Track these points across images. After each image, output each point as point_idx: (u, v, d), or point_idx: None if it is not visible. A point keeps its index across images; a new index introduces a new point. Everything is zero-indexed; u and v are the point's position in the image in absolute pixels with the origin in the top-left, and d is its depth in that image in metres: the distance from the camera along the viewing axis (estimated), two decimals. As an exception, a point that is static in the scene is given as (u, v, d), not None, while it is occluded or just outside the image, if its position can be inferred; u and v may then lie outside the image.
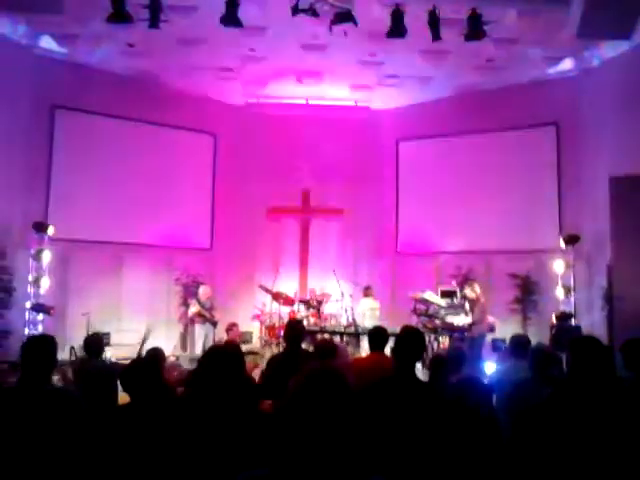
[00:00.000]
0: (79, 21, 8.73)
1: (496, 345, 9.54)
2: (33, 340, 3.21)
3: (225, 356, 2.78)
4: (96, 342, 5.14)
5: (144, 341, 5.38)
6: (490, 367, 8.29)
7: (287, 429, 1.70)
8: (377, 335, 4.74)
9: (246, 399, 2.78)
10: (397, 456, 2.66)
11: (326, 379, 1.83)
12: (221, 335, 9.39)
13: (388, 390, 3.04)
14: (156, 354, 4.91)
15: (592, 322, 9.57)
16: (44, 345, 3.07)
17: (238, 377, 2.72)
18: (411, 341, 3.24)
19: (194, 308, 9.83)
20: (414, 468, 2.68)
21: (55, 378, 5.31)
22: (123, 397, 5.07)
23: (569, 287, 10.01)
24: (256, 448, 2.41)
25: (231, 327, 8.81)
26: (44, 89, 9.94)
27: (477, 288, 8.90)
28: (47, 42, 9.73)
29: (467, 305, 9.04)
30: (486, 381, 5.13)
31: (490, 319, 9.23)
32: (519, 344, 4.85)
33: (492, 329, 9.33)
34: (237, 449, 2.46)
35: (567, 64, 10.22)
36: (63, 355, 5.26)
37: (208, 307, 9.88)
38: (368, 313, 10.28)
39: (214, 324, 9.80)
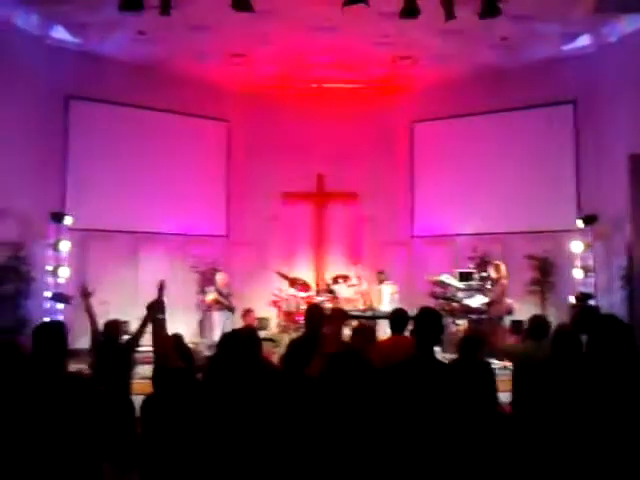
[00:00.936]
0: (90, 9, 8.74)
1: (515, 327, 9.48)
2: (43, 326, 3.15)
3: (240, 340, 2.77)
4: (114, 327, 5.18)
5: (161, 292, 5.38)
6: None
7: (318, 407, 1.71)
8: (397, 317, 4.74)
9: (263, 382, 2.77)
10: (415, 436, 2.65)
11: (350, 360, 1.83)
12: (239, 321, 9.43)
13: (408, 371, 3.03)
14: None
15: (611, 302, 9.47)
16: (54, 331, 3.02)
17: (254, 361, 2.71)
18: (428, 322, 3.23)
19: (211, 295, 9.88)
20: (431, 448, 2.67)
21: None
22: (139, 384, 5.16)
23: (588, 268, 9.92)
24: (273, 429, 2.40)
25: (247, 313, 8.85)
26: (58, 79, 9.97)
27: (503, 269, 8.81)
28: (59, 32, 9.74)
29: (489, 286, 8.99)
30: (506, 362, 5.12)
31: (508, 301, 9.18)
32: (538, 325, 4.83)
33: (510, 311, 9.27)
34: (254, 433, 2.45)
35: (584, 40, 10.03)
36: (84, 343, 5.31)
37: (225, 294, 9.94)
38: (389, 298, 10.22)
39: (232, 310, 9.85)
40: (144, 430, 3.07)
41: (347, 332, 8.16)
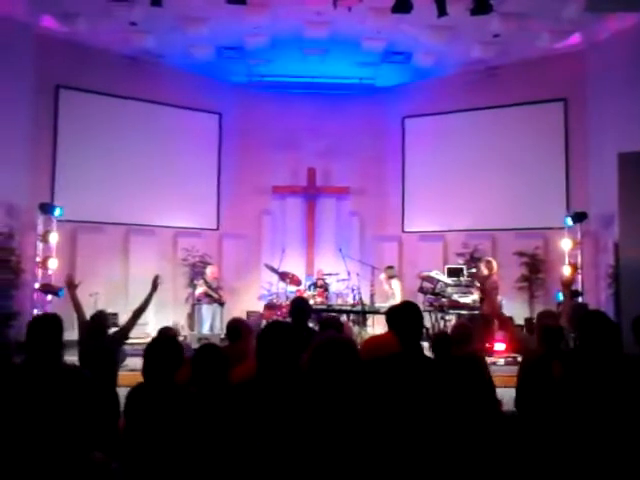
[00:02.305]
0: (81, -1, 8.66)
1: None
2: (39, 319, 3.18)
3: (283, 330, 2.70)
4: (101, 318, 5.12)
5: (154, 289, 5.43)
6: (499, 345, 8.32)
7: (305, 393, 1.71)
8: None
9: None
10: (402, 433, 2.66)
11: (337, 347, 1.84)
12: (227, 315, 9.43)
13: (393, 366, 3.03)
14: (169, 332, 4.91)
15: (599, 300, 9.56)
16: (50, 323, 3.05)
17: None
18: (410, 315, 3.19)
19: (201, 288, 9.87)
20: (419, 444, 2.68)
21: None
22: (124, 375, 5.16)
23: (576, 265, 9.99)
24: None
25: (269, 307, 9.08)
26: (47, 69, 9.90)
27: (494, 265, 8.83)
28: (48, 21, 9.63)
29: (476, 282, 9.00)
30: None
31: (497, 298, 9.21)
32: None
33: (499, 307, 9.31)
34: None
35: (575, 38, 10.06)
36: (73, 335, 5.28)
37: (215, 287, 9.94)
38: (398, 293, 10.12)
39: (221, 304, 9.85)
40: (128, 422, 3.08)
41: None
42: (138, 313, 5.17)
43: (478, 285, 8.91)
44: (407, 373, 2.93)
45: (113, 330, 5.39)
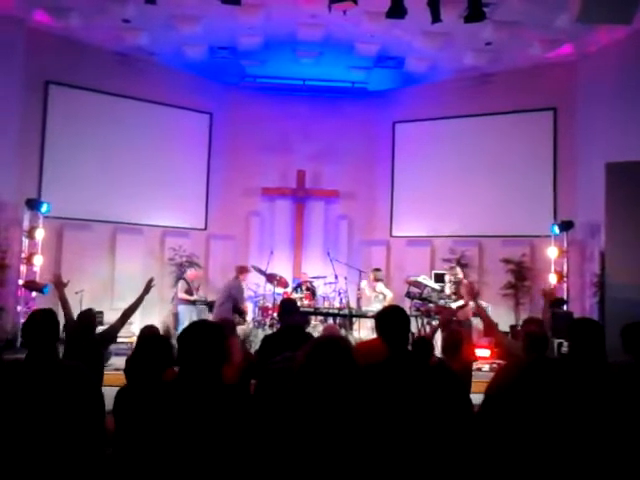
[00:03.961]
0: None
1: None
2: (36, 314, 3.10)
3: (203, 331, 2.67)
4: (89, 317, 5.05)
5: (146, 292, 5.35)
6: (480, 352, 8.34)
7: (298, 395, 1.70)
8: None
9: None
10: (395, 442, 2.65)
11: (333, 346, 1.83)
12: (204, 316, 9.45)
13: (382, 373, 3.01)
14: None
15: (583, 308, 9.63)
16: (48, 318, 2.99)
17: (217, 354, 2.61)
18: (393, 318, 3.16)
19: (183, 289, 9.89)
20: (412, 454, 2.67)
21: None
22: (109, 375, 5.12)
23: (562, 273, 10.06)
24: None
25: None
26: (38, 64, 9.82)
27: (458, 271, 8.91)
28: (41, 16, 9.56)
29: (451, 288, 9.03)
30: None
31: (483, 303, 9.24)
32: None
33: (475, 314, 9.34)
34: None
35: (566, 48, 10.15)
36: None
37: (196, 287, 9.98)
38: (380, 297, 10.14)
39: (194, 304, 9.90)
40: (117, 423, 3.04)
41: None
42: (128, 313, 5.07)
43: (454, 291, 8.97)
44: (393, 381, 2.90)
45: (101, 329, 5.32)
